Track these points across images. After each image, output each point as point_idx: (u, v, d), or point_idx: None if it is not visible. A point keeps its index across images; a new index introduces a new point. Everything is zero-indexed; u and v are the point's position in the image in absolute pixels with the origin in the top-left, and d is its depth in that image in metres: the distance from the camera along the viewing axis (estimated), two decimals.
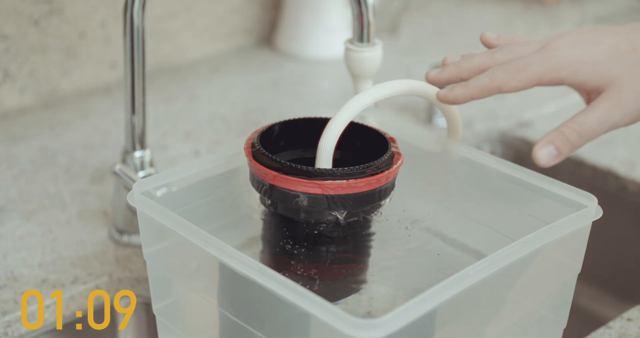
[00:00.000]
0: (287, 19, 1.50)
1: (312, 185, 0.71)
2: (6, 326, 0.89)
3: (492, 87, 0.68)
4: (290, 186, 0.71)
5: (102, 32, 1.32)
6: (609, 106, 0.65)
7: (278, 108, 1.33)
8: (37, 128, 1.24)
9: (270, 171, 0.72)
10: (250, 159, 0.75)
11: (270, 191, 0.73)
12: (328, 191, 0.71)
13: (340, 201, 0.72)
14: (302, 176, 0.71)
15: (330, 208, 0.72)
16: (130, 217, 0.99)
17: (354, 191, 0.71)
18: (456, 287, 0.65)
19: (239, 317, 0.73)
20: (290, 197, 0.72)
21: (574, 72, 0.66)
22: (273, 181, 0.72)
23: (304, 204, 0.72)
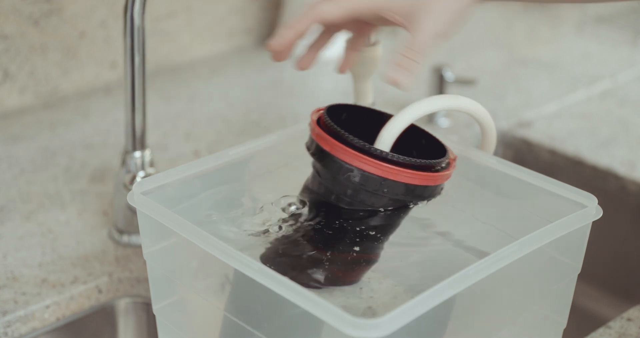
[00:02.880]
0: (287, 19, 1.50)
1: (374, 164, 0.72)
2: (6, 326, 0.89)
3: (314, 17, 0.75)
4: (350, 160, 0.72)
5: (102, 32, 1.32)
6: (430, 22, 0.73)
7: (278, 108, 1.33)
8: (37, 128, 1.24)
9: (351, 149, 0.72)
10: (316, 126, 0.75)
11: (327, 160, 0.73)
12: (388, 175, 0.72)
13: (394, 186, 0.72)
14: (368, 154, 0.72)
15: (380, 192, 0.72)
16: (130, 217, 0.99)
17: (402, 179, 0.72)
18: (456, 287, 0.65)
19: (239, 317, 0.73)
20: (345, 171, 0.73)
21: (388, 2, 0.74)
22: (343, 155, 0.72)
23: (357, 180, 0.72)
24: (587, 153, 1.24)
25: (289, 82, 1.42)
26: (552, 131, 1.30)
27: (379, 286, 0.77)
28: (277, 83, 1.42)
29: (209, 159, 0.81)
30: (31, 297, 0.91)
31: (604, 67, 1.52)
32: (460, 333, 0.71)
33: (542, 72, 1.49)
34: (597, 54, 1.58)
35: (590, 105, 1.40)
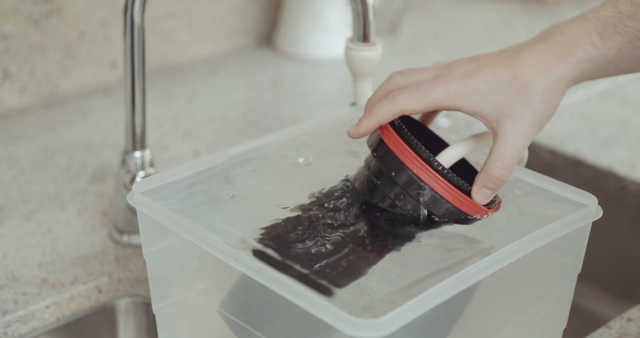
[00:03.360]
0: (287, 19, 1.50)
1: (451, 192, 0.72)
2: (6, 326, 0.89)
3: (396, 112, 0.72)
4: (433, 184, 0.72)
5: (102, 32, 1.32)
6: (515, 134, 0.70)
7: (278, 108, 1.33)
8: (37, 128, 1.24)
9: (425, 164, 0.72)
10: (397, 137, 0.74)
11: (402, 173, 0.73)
12: (461, 205, 0.73)
13: (454, 213, 0.73)
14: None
15: (439, 214, 0.73)
16: (130, 217, 0.99)
17: (464, 209, 0.73)
18: (456, 287, 0.65)
19: (239, 317, 0.73)
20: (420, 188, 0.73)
21: (469, 101, 0.71)
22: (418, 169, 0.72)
23: (425, 199, 0.72)
24: (587, 153, 1.24)
25: (289, 82, 1.42)
26: (552, 131, 1.30)
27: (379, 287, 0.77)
28: (277, 83, 1.42)
29: (209, 159, 0.81)
30: (31, 297, 0.91)
31: None
32: (461, 333, 0.71)
33: None
34: None
35: (590, 105, 1.40)
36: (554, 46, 0.71)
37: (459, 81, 0.71)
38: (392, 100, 0.72)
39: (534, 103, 0.70)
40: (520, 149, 0.71)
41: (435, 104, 0.71)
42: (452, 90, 0.71)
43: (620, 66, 0.73)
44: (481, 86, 0.70)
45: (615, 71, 0.74)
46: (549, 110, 0.72)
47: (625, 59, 0.72)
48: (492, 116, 0.70)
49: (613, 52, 0.71)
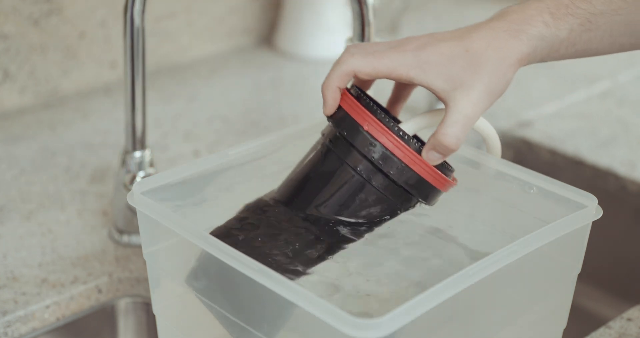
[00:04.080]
0: (287, 19, 1.50)
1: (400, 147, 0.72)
2: (6, 326, 0.89)
3: (348, 71, 0.74)
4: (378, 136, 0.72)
5: (102, 32, 1.32)
6: (465, 104, 0.71)
7: (278, 108, 1.33)
8: (37, 128, 1.24)
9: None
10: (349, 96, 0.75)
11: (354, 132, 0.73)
12: (411, 163, 0.72)
13: (409, 176, 0.72)
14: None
15: (394, 177, 0.72)
16: (130, 217, 0.99)
17: (425, 176, 0.72)
18: (456, 287, 0.65)
19: (239, 317, 0.73)
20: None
21: (422, 72, 0.72)
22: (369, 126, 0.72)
23: (376, 156, 0.72)
24: (587, 153, 1.24)
25: (289, 82, 1.42)
26: (552, 131, 1.30)
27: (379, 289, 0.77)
28: (277, 83, 1.42)
29: (209, 159, 0.81)
30: (31, 297, 0.91)
31: (604, 67, 1.52)
32: (461, 334, 0.71)
33: (542, 72, 1.49)
34: None
35: (590, 105, 1.40)
36: (507, 24, 0.72)
37: (414, 52, 0.72)
38: (344, 61, 0.74)
39: (485, 75, 0.71)
40: (470, 117, 0.71)
41: (388, 70, 0.72)
42: (407, 60, 0.72)
43: (572, 48, 0.74)
44: (434, 57, 0.71)
45: (568, 53, 0.75)
46: (501, 85, 0.72)
47: (577, 42, 0.74)
48: (444, 87, 0.71)
49: (564, 32, 0.73)
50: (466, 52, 0.71)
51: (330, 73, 0.75)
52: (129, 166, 0.99)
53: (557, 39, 0.73)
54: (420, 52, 0.72)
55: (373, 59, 0.73)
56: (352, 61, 0.73)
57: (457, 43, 0.72)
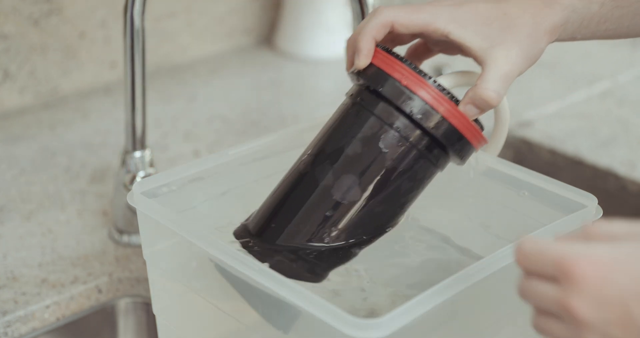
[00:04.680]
0: (287, 19, 1.50)
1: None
2: (6, 326, 0.89)
3: (385, 22, 0.71)
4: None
5: (102, 32, 1.32)
6: (505, 61, 0.71)
7: (278, 108, 1.33)
8: (37, 128, 1.24)
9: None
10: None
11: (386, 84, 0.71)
12: (449, 116, 0.70)
13: (448, 131, 0.71)
14: None
15: (432, 130, 0.70)
16: (130, 217, 0.99)
17: (463, 132, 0.71)
18: (456, 287, 0.65)
19: (239, 317, 0.73)
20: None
21: (459, 28, 0.71)
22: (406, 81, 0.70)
23: (414, 110, 0.70)
24: (587, 153, 1.24)
25: (289, 82, 1.42)
26: (552, 131, 1.30)
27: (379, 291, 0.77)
28: (277, 83, 1.42)
29: (209, 159, 0.81)
30: (31, 297, 0.91)
31: (604, 67, 1.52)
32: (461, 334, 0.71)
33: (542, 72, 1.49)
34: (597, 54, 1.58)
35: (590, 105, 1.40)
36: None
37: (451, 7, 0.72)
38: (381, 11, 0.72)
39: (522, 38, 0.71)
40: (509, 75, 0.71)
41: (425, 23, 0.71)
42: (444, 14, 0.71)
43: (603, 25, 0.75)
44: (472, 16, 0.71)
45: (599, 30, 0.75)
46: (535, 50, 0.73)
47: (609, 18, 0.74)
48: (481, 45, 0.71)
49: (596, 6, 0.74)
50: (504, 15, 0.71)
51: (365, 24, 0.72)
52: (129, 166, 0.99)
53: (588, 12, 0.73)
54: (457, 8, 0.72)
55: (411, 10, 0.72)
56: (390, 12, 0.71)
57: (494, 6, 0.72)
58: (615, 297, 0.53)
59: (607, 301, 0.53)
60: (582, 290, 0.53)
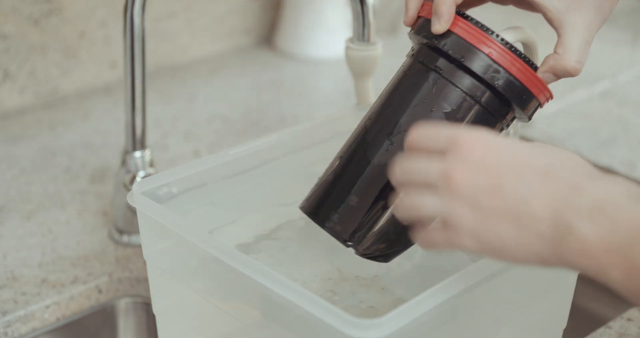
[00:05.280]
0: (287, 19, 1.50)
1: None
2: (6, 326, 0.89)
3: None
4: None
5: (102, 32, 1.32)
6: (585, 26, 0.70)
7: (278, 108, 1.33)
8: (37, 128, 1.24)
9: None
10: None
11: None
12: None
13: (528, 99, 0.70)
14: None
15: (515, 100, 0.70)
16: (130, 217, 0.99)
17: (534, 92, 0.70)
18: (456, 288, 0.65)
19: (239, 317, 0.73)
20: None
21: None
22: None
23: (499, 83, 0.69)
24: (587, 153, 1.24)
25: (289, 82, 1.42)
26: (552, 130, 1.30)
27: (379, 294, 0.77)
28: (277, 83, 1.42)
29: (209, 159, 0.81)
30: (31, 297, 0.91)
31: (604, 67, 1.52)
32: (460, 334, 0.71)
33: None
34: (597, 54, 1.58)
35: (591, 105, 1.40)
36: None
37: None
38: None
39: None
40: (589, 42, 0.70)
41: None
42: None
43: None
44: None
45: None
46: (608, 10, 0.71)
47: None
48: (557, 6, 0.70)
49: None
50: None
51: None
52: (129, 166, 0.99)
53: None
54: None
55: None
56: None
57: None
58: (493, 166, 0.57)
59: (485, 169, 0.57)
60: (465, 157, 0.58)
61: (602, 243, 0.53)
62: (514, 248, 0.57)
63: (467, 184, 0.57)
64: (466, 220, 0.57)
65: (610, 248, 0.53)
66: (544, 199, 0.56)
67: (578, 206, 0.55)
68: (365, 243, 0.71)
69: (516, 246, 0.57)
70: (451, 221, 0.58)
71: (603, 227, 0.54)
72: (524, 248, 0.57)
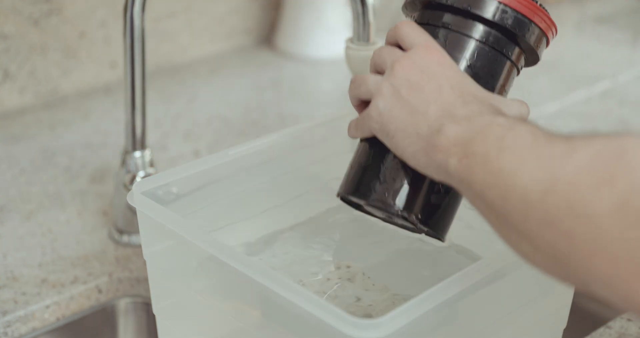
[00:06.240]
0: (287, 19, 1.50)
1: None
2: (6, 326, 0.89)
3: None
4: None
5: (102, 32, 1.32)
6: None
7: (278, 108, 1.33)
8: (37, 128, 1.24)
9: None
10: None
11: None
12: None
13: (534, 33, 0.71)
14: None
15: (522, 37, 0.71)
16: (130, 217, 0.99)
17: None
18: (455, 287, 0.65)
19: (239, 317, 0.73)
20: None
21: None
22: None
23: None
24: None
25: (289, 82, 1.42)
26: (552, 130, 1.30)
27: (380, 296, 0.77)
28: (277, 83, 1.42)
29: (209, 159, 0.81)
30: (31, 297, 0.91)
31: (604, 67, 1.52)
32: (460, 334, 0.71)
33: (542, 72, 1.49)
34: (597, 54, 1.58)
35: (591, 105, 1.40)
36: None
37: None
38: None
39: None
40: None
41: None
42: None
43: None
44: None
45: None
46: None
47: None
48: None
49: None
50: None
51: None
52: (129, 166, 0.99)
53: None
54: None
55: None
56: None
57: None
58: (431, 72, 0.67)
59: (423, 71, 0.67)
60: (416, 58, 0.68)
61: (454, 138, 0.61)
62: (400, 136, 0.66)
63: (402, 74, 0.67)
64: (384, 98, 0.67)
65: (458, 142, 0.61)
66: (439, 107, 0.65)
67: (456, 115, 0.63)
68: (413, 206, 0.70)
69: (402, 135, 0.66)
70: (374, 97, 0.68)
71: (462, 128, 0.62)
72: (406, 138, 0.65)
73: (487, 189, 0.57)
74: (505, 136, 0.58)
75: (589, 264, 0.51)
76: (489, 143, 0.58)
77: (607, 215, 0.50)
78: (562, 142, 0.55)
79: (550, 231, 0.53)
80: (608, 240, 0.50)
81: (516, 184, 0.55)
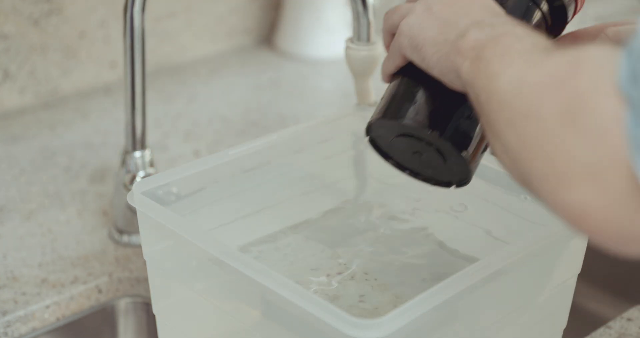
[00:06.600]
0: (287, 19, 1.50)
1: None
2: (6, 326, 0.89)
3: None
4: None
5: (102, 32, 1.32)
6: None
7: (278, 108, 1.33)
8: (37, 128, 1.24)
9: None
10: None
11: None
12: None
13: None
14: None
15: None
16: (130, 217, 0.99)
17: None
18: (455, 287, 0.65)
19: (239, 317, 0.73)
20: None
21: None
22: None
23: None
24: None
25: (289, 82, 1.42)
26: None
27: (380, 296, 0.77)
28: (277, 83, 1.42)
29: (209, 159, 0.81)
30: (31, 297, 0.91)
31: None
32: (461, 334, 0.71)
33: None
34: None
35: None
36: None
37: None
38: None
39: None
40: None
41: None
42: None
43: None
44: None
45: None
46: None
47: None
48: None
49: None
50: None
51: None
52: (129, 166, 0.99)
53: None
54: None
55: None
56: None
57: None
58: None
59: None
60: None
61: (474, 43, 0.62)
62: (428, 45, 0.67)
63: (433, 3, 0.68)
64: (415, 14, 0.69)
65: (475, 46, 0.62)
66: (470, 19, 0.66)
67: (483, 22, 0.64)
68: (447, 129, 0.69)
69: (430, 44, 0.67)
70: (406, 17, 0.70)
71: (483, 34, 0.62)
72: (433, 47, 0.66)
73: (482, 93, 0.59)
74: (513, 45, 0.60)
75: (530, 165, 0.54)
76: (497, 50, 0.60)
77: (550, 117, 0.52)
78: (549, 51, 0.57)
79: (511, 132, 0.55)
80: (547, 141, 0.52)
81: (498, 87, 0.57)
